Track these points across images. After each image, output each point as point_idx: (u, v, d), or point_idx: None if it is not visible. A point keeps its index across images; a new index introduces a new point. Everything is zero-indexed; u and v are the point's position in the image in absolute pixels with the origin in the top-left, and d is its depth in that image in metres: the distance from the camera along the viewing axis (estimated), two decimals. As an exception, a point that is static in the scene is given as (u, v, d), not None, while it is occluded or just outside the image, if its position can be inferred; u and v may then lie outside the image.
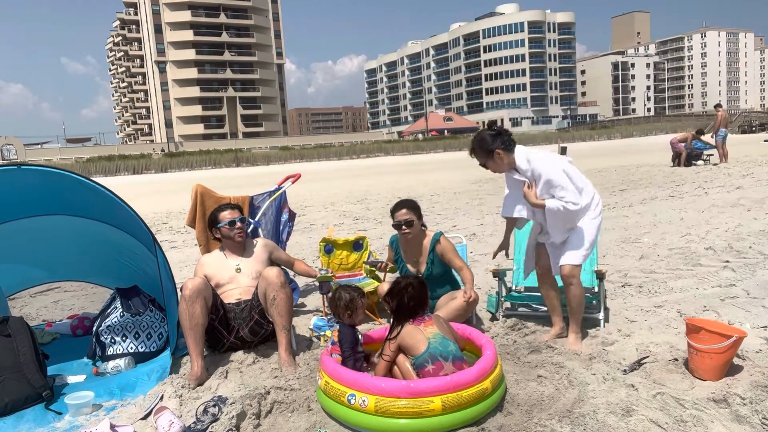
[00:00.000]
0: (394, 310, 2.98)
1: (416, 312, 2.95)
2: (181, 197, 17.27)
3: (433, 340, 2.80)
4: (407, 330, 2.89)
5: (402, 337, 2.87)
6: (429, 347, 2.77)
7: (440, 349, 2.78)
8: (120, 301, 3.86)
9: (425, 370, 2.74)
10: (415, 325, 2.90)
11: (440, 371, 2.71)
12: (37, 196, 3.83)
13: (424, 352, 2.77)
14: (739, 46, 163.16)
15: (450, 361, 2.76)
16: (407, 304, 2.94)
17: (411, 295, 2.95)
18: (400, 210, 4.03)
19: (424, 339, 2.81)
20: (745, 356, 3.12)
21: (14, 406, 3.00)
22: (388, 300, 3.01)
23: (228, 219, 3.95)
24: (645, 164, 19.16)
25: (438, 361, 2.74)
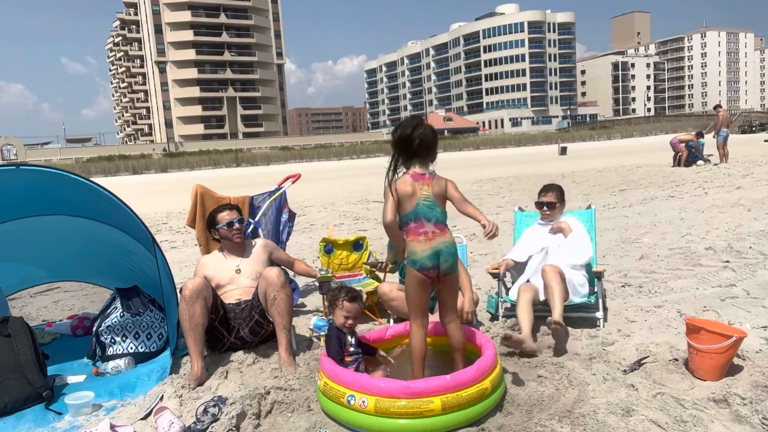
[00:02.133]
0: (396, 144, 2.91)
1: (418, 155, 2.89)
2: (181, 197, 17.27)
3: (423, 202, 2.83)
4: (404, 179, 2.88)
5: (397, 183, 2.87)
6: (416, 207, 2.83)
7: (425, 212, 2.83)
8: (120, 301, 3.86)
9: (408, 227, 2.83)
10: (413, 179, 2.87)
11: (420, 229, 2.81)
12: (37, 196, 3.83)
13: (410, 212, 2.83)
14: (739, 46, 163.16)
15: (432, 222, 2.83)
16: (413, 143, 2.85)
17: (421, 134, 2.86)
18: None
19: (414, 199, 2.84)
20: (745, 356, 3.12)
21: (14, 406, 3.00)
22: (394, 139, 2.93)
23: (226, 220, 3.95)
24: (645, 164, 19.15)
25: (420, 220, 2.82)
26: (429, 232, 2.82)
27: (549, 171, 19.54)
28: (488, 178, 18.43)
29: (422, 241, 2.82)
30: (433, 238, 2.82)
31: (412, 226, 2.83)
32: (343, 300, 3.10)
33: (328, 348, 3.04)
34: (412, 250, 2.83)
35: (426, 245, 2.81)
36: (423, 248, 2.81)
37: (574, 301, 3.91)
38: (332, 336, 3.08)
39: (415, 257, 2.81)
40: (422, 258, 2.79)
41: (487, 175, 19.89)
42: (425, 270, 2.81)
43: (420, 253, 2.80)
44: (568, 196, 4.43)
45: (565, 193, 4.33)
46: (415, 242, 2.83)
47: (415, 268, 2.82)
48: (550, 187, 4.30)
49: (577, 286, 3.98)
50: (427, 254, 2.80)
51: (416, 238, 2.83)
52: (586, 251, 4.03)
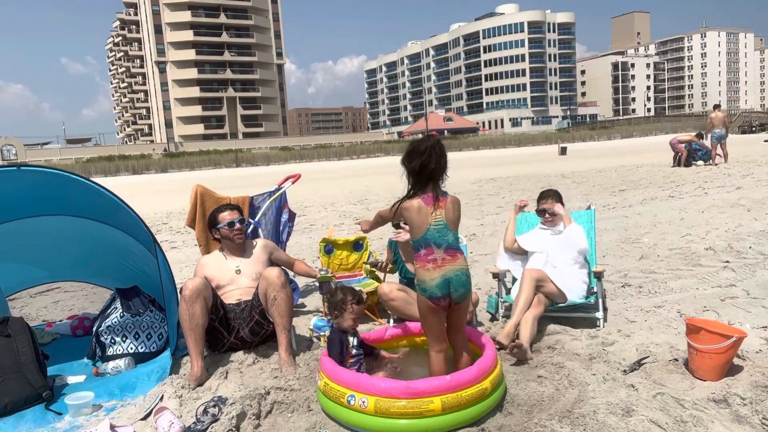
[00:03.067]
0: (416, 171, 2.78)
1: (433, 178, 2.80)
2: (181, 197, 17.27)
3: (433, 227, 2.76)
4: (412, 204, 2.79)
5: (403, 208, 2.80)
6: (426, 233, 2.76)
7: (436, 236, 2.76)
8: (120, 301, 3.86)
9: (418, 253, 2.78)
10: (425, 204, 2.78)
11: (429, 256, 2.74)
12: (38, 197, 3.83)
13: (419, 237, 2.77)
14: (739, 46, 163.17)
15: (443, 248, 2.75)
16: (427, 165, 2.76)
17: (437, 154, 2.77)
18: None
19: (426, 223, 2.76)
20: (745, 356, 3.12)
21: (14, 406, 3.00)
22: (406, 162, 2.81)
23: (227, 220, 3.95)
24: (645, 164, 19.15)
25: (430, 246, 2.75)
26: (438, 258, 2.74)
27: (549, 171, 19.54)
28: (488, 178, 18.43)
29: (430, 269, 2.74)
30: (442, 266, 2.74)
31: (422, 252, 2.77)
32: (352, 303, 3.07)
33: (331, 351, 3.01)
34: (421, 279, 2.76)
35: (435, 273, 2.73)
36: (432, 277, 2.73)
37: (573, 301, 3.92)
38: (335, 339, 3.05)
39: (425, 286, 2.74)
40: (431, 287, 2.73)
41: (487, 175, 19.90)
42: (435, 299, 2.74)
43: (429, 282, 2.73)
44: (568, 196, 4.45)
45: (562, 196, 4.35)
46: (423, 270, 2.75)
47: (425, 297, 2.75)
48: (547, 194, 4.30)
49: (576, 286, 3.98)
50: (436, 283, 2.72)
51: (424, 266, 2.75)
52: (580, 241, 4.05)
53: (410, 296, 3.96)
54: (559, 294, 3.86)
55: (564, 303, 3.90)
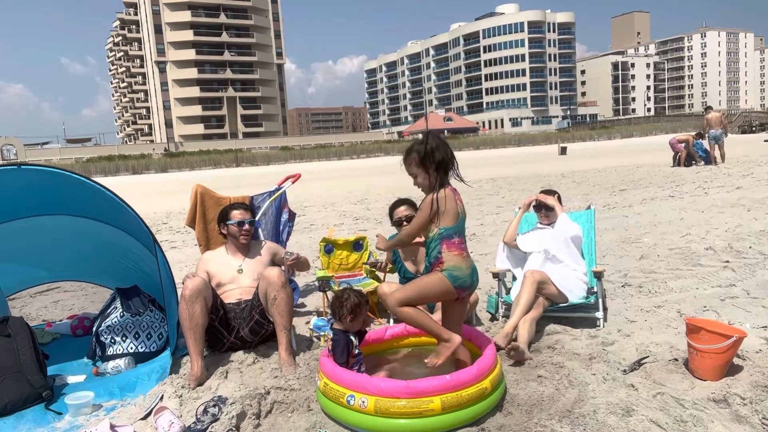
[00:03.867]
0: (441, 165, 2.77)
1: (451, 168, 2.84)
2: (181, 197, 17.27)
3: (462, 216, 2.83)
4: (448, 194, 2.80)
5: (442, 200, 2.77)
6: (458, 223, 2.80)
7: (462, 229, 2.83)
8: (120, 301, 3.86)
9: (451, 240, 2.77)
10: (453, 194, 2.82)
11: (462, 245, 2.81)
12: (37, 196, 3.82)
13: (455, 225, 2.78)
14: (739, 46, 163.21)
15: (465, 240, 2.86)
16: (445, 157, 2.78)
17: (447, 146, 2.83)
18: (399, 207, 4.05)
19: (457, 213, 2.80)
20: (745, 356, 3.12)
21: (14, 406, 3.00)
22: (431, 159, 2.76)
23: (238, 218, 3.97)
24: (645, 164, 19.15)
25: (462, 236, 2.82)
26: (466, 250, 2.83)
27: (549, 171, 19.54)
28: (488, 178, 18.43)
29: (465, 257, 2.80)
30: (469, 257, 2.83)
31: (455, 240, 2.78)
32: (365, 306, 3.05)
33: (335, 353, 2.97)
34: (456, 266, 2.76)
35: (468, 262, 2.80)
36: (468, 264, 2.79)
37: (573, 301, 3.92)
38: (341, 342, 2.99)
39: (459, 273, 2.76)
40: (465, 275, 2.77)
41: (487, 175, 19.89)
42: (463, 288, 2.79)
43: (465, 270, 2.77)
44: (568, 196, 4.47)
45: (561, 197, 4.38)
46: (460, 258, 2.78)
47: (454, 285, 2.75)
48: (545, 192, 4.36)
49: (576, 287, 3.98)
50: (469, 273, 2.79)
51: (461, 254, 2.79)
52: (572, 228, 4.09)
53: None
54: (559, 294, 3.87)
55: (565, 303, 3.90)
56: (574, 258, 4.07)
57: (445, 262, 2.75)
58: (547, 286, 3.80)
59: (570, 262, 4.05)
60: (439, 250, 2.76)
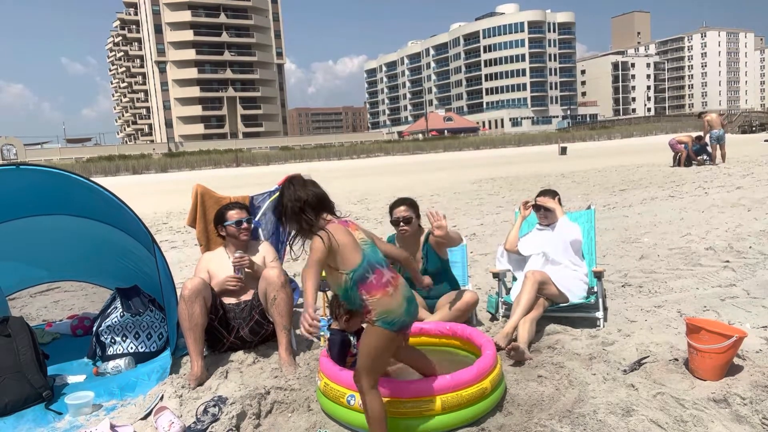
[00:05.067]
0: (313, 204, 2.43)
1: (330, 203, 2.49)
2: (181, 197, 17.27)
3: (365, 246, 2.41)
4: (334, 227, 2.38)
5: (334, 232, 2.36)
6: (364, 254, 2.37)
7: (373, 256, 2.40)
8: (120, 301, 3.87)
9: (367, 282, 2.33)
10: (341, 224, 2.43)
11: (382, 278, 2.36)
12: (37, 196, 3.83)
13: (362, 261, 2.35)
14: (739, 46, 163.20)
15: (385, 266, 2.43)
16: (319, 193, 2.47)
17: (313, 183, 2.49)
18: (399, 207, 4.01)
19: (357, 244, 2.39)
20: (745, 356, 3.12)
21: (14, 406, 3.00)
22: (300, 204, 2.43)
23: (236, 218, 3.97)
24: (645, 164, 19.15)
25: (377, 268, 2.37)
26: (390, 278, 2.39)
27: (549, 171, 19.54)
28: (488, 178, 18.43)
29: (392, 293, 2.35)
30: (397, 285, 2.39)
31: (372, 278, 2.34)
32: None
33: (332, 352, 2.98)
34: (386, 309, 2.33)
35: (398, 296, 2.37)
36: (398, 301, 2.36)
37: (573, 301, 3.92)
38: (337, 341, 3.00)
39: (393, 316, 2.33)
40: (400, 314, 2.36)
41: (487, 175, 19.89)
42: (405, 326, 2.42)
43: (397, 309, 2.35)
44: (568, 196, 4.47)
45: (561, 197, 4.37)
46: (386, 297, 2.33)
47: (393, 330, 2.34)
48: (545, 192, 4.35)
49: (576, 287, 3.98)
50: (404, 307, 2.38)
51: (385, 291, 2.34)
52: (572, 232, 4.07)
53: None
54: (559, 295, 3.87)
55: (565, 303, 3.90)
56: (573, 260, 4.07)
57: (372, 310, 2.33)
58: (547, 287, 3.80)
59: (569, 263, 4.05)
60: (360, 299, 2.33)
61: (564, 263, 4.04)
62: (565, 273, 3.98)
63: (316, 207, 2.44)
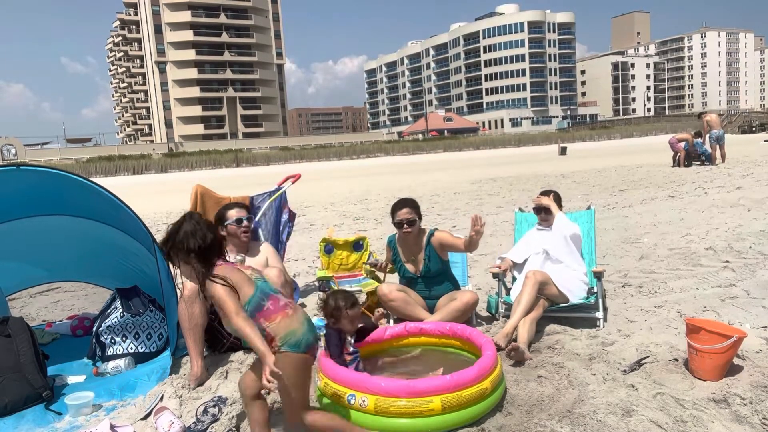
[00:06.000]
0: (204, 247, 2.37)
1: (220, 247, 2.45)
2: (181, 197, 17.27)
3: (257, 279, 2.44)
4: (225, 269, 2.38)
5: (224, 272, 2.35)
6: (256, 285, 2.39)
7: (266, 287, 2.43)
8: (120, 301, 3.87)
9: (263, 309, 2.34)
10: (231, 266, 2.43)
11: (279, 303, 2.38)
12: (37, 197, 3.83)
13: (254, 294, 2.36)
14: (739, 46, 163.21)
15: (278, 293, 2.45)
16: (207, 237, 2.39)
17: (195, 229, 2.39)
18: (401, 209, 4.01)
19: (248, 278, 2.40)
20: (745, 356, 3.12)
21: (14, 406, 3.00)
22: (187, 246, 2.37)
23: (236, 217, 3.97)
24: (645, 164, 19.15)
25: (270, 294, 2.39)
26: (287, 302, 2.42)
27: (549, 171, 19.54)
28: (488, 178, 18.43)
29: (291, 314, 2.38)
30: (295, 308, 2.44)
31: (269, 305, 2.36)
32: (346, 310, 2.99)
33: (328, 345, 3.01)
34: (289, 330, 2.33)
35: (299, 317, 2.40)
36: (299, 321, 2.38)
37: (574, 301, 3.92)
38: (331, 336, 3.03)
39: (297, 336, 2.33)
40: (304, 332, 2.36)
41: (487, 175, 19.90)
42: (311, 347, 2.40)
43: (300, 328, 2.36)
44: (568, 196, 4.46)
45: (561, 198, 4.37)
46: (286, 318, 2.35)
47: (299, 352, 2.34)
48: (546, 193, 4.35)
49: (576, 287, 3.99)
50: (306, 327, 2.39)
51: (285, 313, 2.36)
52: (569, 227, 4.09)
53: (410, 296, 3.96)
54: (560, 295, 3.87)
55: (565, 304, 3.90)
56: (573, 258, 4.07)
57: (276, 336, 2.32)
58: (548, 287, 3.80)
59: (570, 262, 4.05)
60: (261, 328, 2.31)
61: (565, 262, 4.04)
62: (565, 273, 3.98)
63: (208, 255, 2.38)
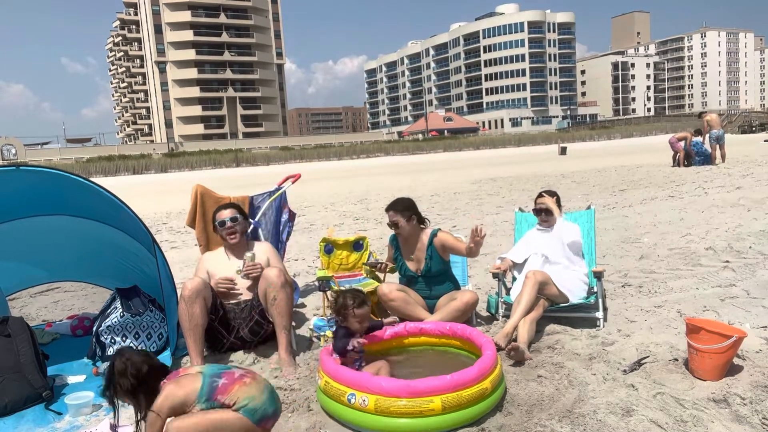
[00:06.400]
0: (141, 378, 2.31)
1: (162, 371, 2.38)
2: (181, 197, 17.27)
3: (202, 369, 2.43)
4: (169, 390, 2.30)
5: (165, 403, 2.28)
6: (204, 375, 2.35)
7: (214, 369, 2.43)
8: (120, 301, 3.87)
9: (219, 386, 2.32)
10: (171, 378, 2.37)
11: (234, 376, 2.38)
12: (37, 197, 3.83)
13: (203, 380, 2.32)
14: (739, 46, 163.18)
15: (233, 369, 2.46)
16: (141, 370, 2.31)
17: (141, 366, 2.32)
18: (388, 212, 4.05)
19: (194, 373, 2.37)
20: (745, 356, 3.12)
21: (14, 406, 3.00)
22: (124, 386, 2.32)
23: (219, 220, 3.94)
24: (645, 164, 19.15)
25: (223, 372, 2.39)
26: (243, 373, 2.41)
27: (549, 171, 19.54)
28: (488, 178, 18.43)
29: (249, 383, 2.35)
30: (254, 377, 2.43)
31: (223, 381, 2.32)
32: (353, 308, 3.02)
33: (336, 344, 3.02)
34: (248, 396, 2.30)
35: (258, 385, 2.37)
36: (258, 388, 2.36)
37: (574, 301, 3.92)
38: (339, 331, 3.06)
39: (255, 403, 2.30)
40: (263, 401, 2.33)
41: (487, 175, 19.90)
42: (266, 419, 2.35)
43: (259, 396, 2.33)
44: (568, 196, 4.47)
45: (561, 198, 4.38)
46: (245, 387, 2.33)
47: (252, 421, 2.29)
48: (546, 193, 4.35)
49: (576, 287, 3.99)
50: (266, 396, 2.35)
51: (241, 382, 2.34)
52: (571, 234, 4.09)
53: (410, 296, 3.96)
54: (560, 295, 3.87)
55: (565, 304, 3.90)
56: (572, 260, 4.08)
57: (235, 402, 2.29)
58: (548, 287, 3.80)
59: (570, 262, 4.05)
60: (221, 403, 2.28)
61: (564, 263, 4.05)
62: (566, 273, 3.98)
63: (148, 384, 2.33)
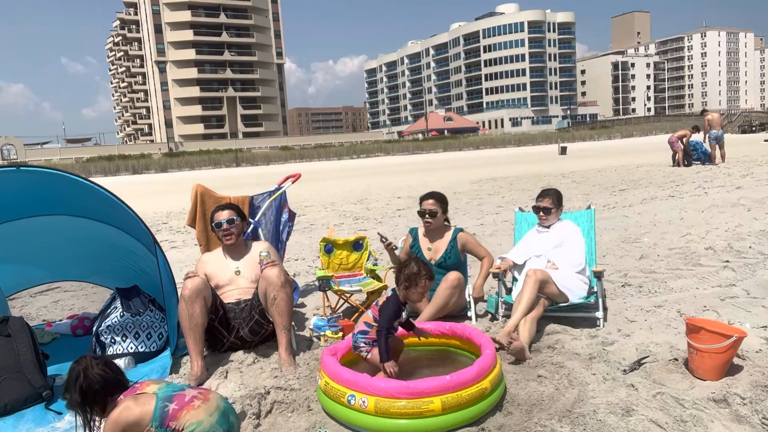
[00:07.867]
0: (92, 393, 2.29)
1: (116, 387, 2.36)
2: (181, 197, 17.28)
3: (158, 389, 2.37)
4: (126, 405, 2.28)
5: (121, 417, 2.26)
6: (158, 397, 2.31)
7: (168, 390, 2.37)
8: (120, 301, 3.87)
9: (170, 412, 2.27)
10: (129, 394, 2.34)
11: (184, 399, 2.34)
12: (37, 197, 3.83)
13: (156, 403, 2.28)
14: (739, 46, 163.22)
15: (188, 389, 2.43)
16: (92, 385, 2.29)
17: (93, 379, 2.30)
18: (428, 199, 4.28)
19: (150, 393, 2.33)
20: (745, 356, 3.12)
21: (14, 406, 3.00)
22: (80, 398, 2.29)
23: (216, 221, 3.95)
24: (645, 164, 19.15)
25: (175, 396, 2.34)
26: (195, 394, 2.38)
27: (549, 171, 19.54)
28: (488, 178, 18.43)
29: (199, 406, 2.32)
30: (206, 398, 2.39)
31: (173, 406, 2.28)
32: (424, 279, 3.00)
33: (384, 313, 2.95)
34: (195, 421, 2.27)
35: (208, 407, 2.35)
36: (208, 411, 2.33)
37: (574, 301, 3.92)
38: (391, 303, 2.99)
39: (202, 426, 2.27)
40: (212, 424, 2.30)
41: (487, 175, 19.89)
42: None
43: (207, 420, 2.30)
44: (568, 196, 4.47)
45: (562, 198, 4.37)
46: (193, 410, 2.30)
47: None
48: (546, 192, 4.34)
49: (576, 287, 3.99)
50: (216, 417, 2.33)
51: (190, 406, 2.30)
52: (578, 260, 4.08)
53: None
54: (560, 294, 3.87)
55: (565, 303, 3.90)
56: (572, 260, 4.08)
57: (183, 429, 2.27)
58: (548, 286, 3.80)
59: (569, 263, 4.06)
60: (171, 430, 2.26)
61: (564, 263, 4.05)
62: (566, 273, 3.98)
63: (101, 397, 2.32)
